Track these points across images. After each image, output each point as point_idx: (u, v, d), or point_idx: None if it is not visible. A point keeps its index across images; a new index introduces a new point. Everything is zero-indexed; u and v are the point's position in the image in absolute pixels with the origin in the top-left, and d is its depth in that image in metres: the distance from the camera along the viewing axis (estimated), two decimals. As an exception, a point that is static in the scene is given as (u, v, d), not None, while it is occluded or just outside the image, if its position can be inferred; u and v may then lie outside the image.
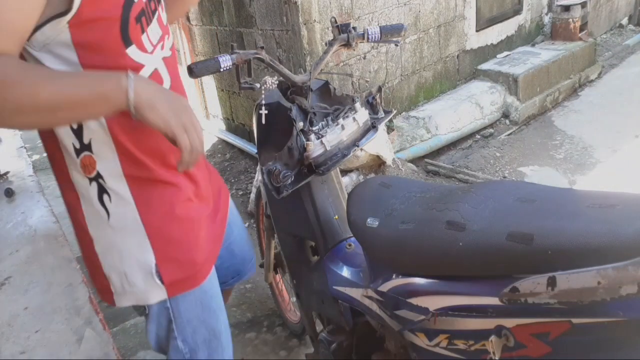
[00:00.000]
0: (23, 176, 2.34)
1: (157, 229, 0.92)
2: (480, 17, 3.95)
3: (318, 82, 1.33)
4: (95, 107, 0.74)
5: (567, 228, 0.71)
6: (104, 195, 0.87)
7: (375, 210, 1.05)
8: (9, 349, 1.30)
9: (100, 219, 0.89)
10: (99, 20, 0.75)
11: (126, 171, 0.87)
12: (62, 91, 0.70)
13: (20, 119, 0.71)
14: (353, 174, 2.85)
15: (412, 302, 0.95)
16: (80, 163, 0.85)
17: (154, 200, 0.91)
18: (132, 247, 0.91)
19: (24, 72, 0.69)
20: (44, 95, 0.68)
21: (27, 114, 0.70)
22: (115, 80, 0.74)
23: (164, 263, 0.93)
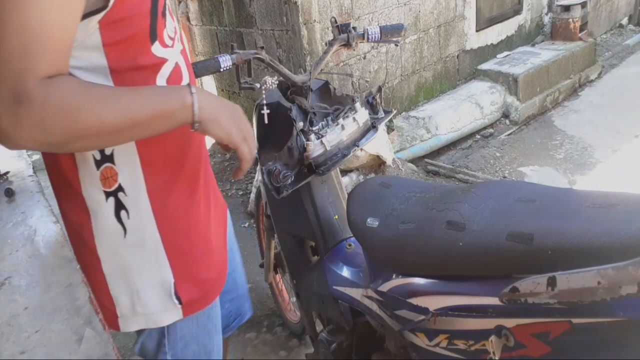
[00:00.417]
0: (23, 176, 2.34)
1: (176, 246, 0.86)
2: (480, 17, 3.95)
3: (318, 82, 1.33)
4: (158, 125, 0.71)
5: (567, 228, 0.71)
6: (121, 211, 0.81)
7: (375, 210, 1.05)
8: (9, 349, 1.30)
9: (115, 236, 0.83)
10: (131, 17, 0.71)
11: (149, 183, 0.82)
12: (126, 113, 0.67)
13: (80, 145, 0.67)
14: (353, 174, 2.85)
15: (412, 302, 0.95)
16: (101, 176, 0.79)
17: (174, 215, 0.86)
18: (149, 266, 0.85)
19: (85, 95, 0.64)
20: (109, 120, 0.65)
21: (89, 139, 0.66)
22: (179, 96, 0.72)
23: (182, 282, 0.88)
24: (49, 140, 0.62)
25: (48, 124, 0.60)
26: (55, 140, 0.62)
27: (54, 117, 0.61)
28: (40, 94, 0.60)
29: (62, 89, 0.62)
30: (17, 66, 0.59)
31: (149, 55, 0.76)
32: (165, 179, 0.84)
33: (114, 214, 0.81)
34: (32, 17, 0.59)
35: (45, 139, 0.62)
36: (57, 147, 0.66)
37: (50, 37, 0.61)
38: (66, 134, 0.63)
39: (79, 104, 0.63)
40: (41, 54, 0.60)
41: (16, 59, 0.59)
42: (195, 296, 0.90)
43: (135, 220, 0.82)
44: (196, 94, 0.72)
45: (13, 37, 0.58)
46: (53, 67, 0.62)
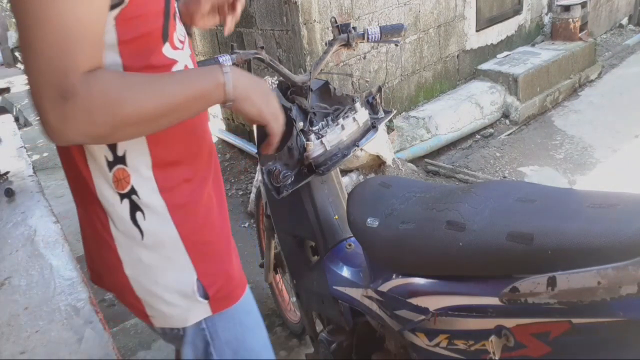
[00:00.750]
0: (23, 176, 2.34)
1: (195, 243, 0.85)
2: (480, 17, 3.95)
3: (318, 82, 1.33)
4: (195, 106, 0.73)
5: (567, 228, 0.71)
6: (136, 213, 0.80)
7: (375, 210, 1.05)
8: (9, 349, 1.30)
9: (132, 239, 0.81)
10: (146, 15, 0.71)
11: (160, 183, 0.81)
12: (165, 98, 0.68)
13: (123, 133, 0.67)
14: (353, 174, 2.85)
15: (412, 302, 0.95)
16: (113, 177, 0.78)
17: (189, 212, 0.84)
18: (170, 266, 0.84)
19: (126, 85, 0.65)
20: (150, 106, 0.66)
21: (132, 127, 0.67)
22: (213, 76, 0.73)
23: (205, 278, 0.86)
24: (95, 132, 0.63)
25: (94, 117, 0.62)
26: (101, 131, 0.64)
27: (99, 109, 0.62)
28: (84, 89, 0.61)
29: (104, 82, 0.63)
30: (59, 63, 0.60)
31: (160, 55, 0.76)
32: (178, 178, 0.83)
33: (129, 217, 0.80)
34: (70, 14, 0.60)
35: (91, 132, 0.63)
36: (103, 139, 0.68)
37: (88, 32, 0.62)
38: (111, 124, 0.64)
39: (121, 95, 0.64)
40: (81, 49, 0.61)
41: (58, 56, 0.59)
42: (221, 291, 0.88)
43: (152, 221, 0.81)
44: (229, 73, 0.73)
45: (53, 34, 0.59)
46: (92, 62, 0.63)
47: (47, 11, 0.58)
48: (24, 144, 2.81)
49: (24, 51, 0.60)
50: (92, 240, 0.86)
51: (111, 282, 0.87)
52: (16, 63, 10.39)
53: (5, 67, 10.49)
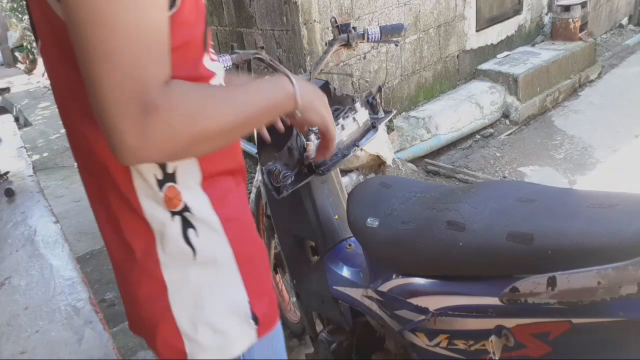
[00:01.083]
0: (23, 176, 2.34)
1: (245, 259, 0.79)
2: (480, 17, 3.95)
3: (318, 82, 1.33)
4: (267, 117, 0.71)
5: (567, 228, 0.71)
6: (188, 230, 0.73)
7: (375, 210, 1.05)
8: (9, 349, 1.30)
9: (182, 259, 0.74)
10: (192, 21, 0.66)
11: (212, 197, 0.75)
12: (242, 110, 0.65)
13: (197, 149, 0.62)
14: (353, 174, 2.85)
15: (412, 302, 0.95)
16: (164, 197, 0.71)
17: (239, 225, 0.79)
18: (223, 286, 0.76)
19: (205, 96, 0.61)
20: (228, 119, 0.62)
21: (208, 142, 0.62)
22: (282, 86, 0.72)
23: (255, 298, 0.79)
24: (174, 148, 0.58)
25: (175, 131, 0.57)
26: (180, 147, 0.58)
27: (180, 123, 0.57)
28: (165, 101, 0.56)
29: (183, 93, 0.58)
30: (140, 75, 0.54)
31: (202, 66, 0.71)
32: (225, 191, 0.77)
33: (181, 234, 0.73)
34: (147, 19, 0.54)
35: (171, 148, 0.58)
36: (177, 156, 0.62)
37: (163, 37, 0.57)
38: (191, 139, 0.59)
39: (200, 107, 0.60)
40: (158, 58, 0.56)
41: (138, 67, 0.54)
42: (267, 312, 0.81)
43: (205, 237, 0.74)
44: (296, 83, 0.73)
45: (132, 45, 0.54)
46: (167, 71, 0.58)
47: (123, 17, 0.53)
48: (24, 144, 2.81)
49: (92, 64, 0.53)
50: (129, 269, 0.76)
51: (148, 316, 0.76)
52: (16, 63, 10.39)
53: (6, 67, 10.50)
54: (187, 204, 0.72)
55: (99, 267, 2.65)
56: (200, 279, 0.75)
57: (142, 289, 0.75)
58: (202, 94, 0.61)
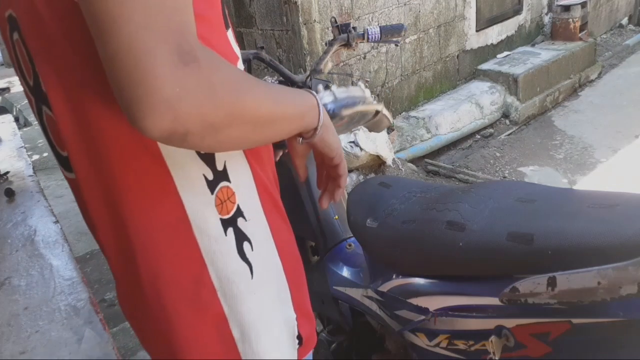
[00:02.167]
0: (23, 176, 2.34)
1: (293, 274, 0.71)
2: (480, 17, 3.95)
3: (319, 82, 1.33)
4: (295, 124, 0.63)
5: (567, 228, 0.71)
6: (243, 243, 0.62)
7: (375, 210, 1.05)
8: (9, 349, 1.30)
9: (241, 281, 0.62)
10: None
11: (263, 200, 0.66)
12: (278, 103, 0.58)
13: (232, 131, 0.52)
14: (353, 174, 2.85)
15: (412, 302, 0.94)
16: (216, 200, 0.60)
17: (285, 239, 0.71)
18: (276, 305, 0.67)
19: (242, 74, 0.53)
20: (265, 106, 0.55)
21: (244, 126, 0.53)
22: (308, 97, 0.64)
23: (301, 317, 0.71)
24: (214, 115, 0.48)
25: (217, 94, 0.48)
26: (219, 117, 0.49)
27: (222, 87, 0.48)
28: (206, 57, 0.47)
29: (222, 61, 0.50)
30: (176, 19, 0.46)
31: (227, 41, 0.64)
32: (271, 194, 0.69)
33: (236, 251, 0.62)
34: None
35: (211, 113, 0.48)
36: (214, 129, 0.49)
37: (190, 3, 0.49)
38: (230, 110, 0.50)
39: (241, 81, 0.52)
40: (190, 10, 0.48)
41: (174, 9, 0.45)
42: (310, 333, 0.74)
43: (260, 250, 0.65)
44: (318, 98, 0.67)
45: None
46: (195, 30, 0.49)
47: None
48: (24, 144, 2.81)
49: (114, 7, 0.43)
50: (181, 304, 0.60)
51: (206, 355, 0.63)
52: (16, 63, 10.38)
53: (6, 67, 10.50)
54: (240, 207, 0.62)
55: (99, 267, 2.65)
56: (258, 302, 0.64)
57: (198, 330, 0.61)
58: (240, 72, 0.54)
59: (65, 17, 0.50)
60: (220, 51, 0.57)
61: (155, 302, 0.60)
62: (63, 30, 0.51)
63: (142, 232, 0.58)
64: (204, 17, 0.55)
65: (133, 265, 0.60)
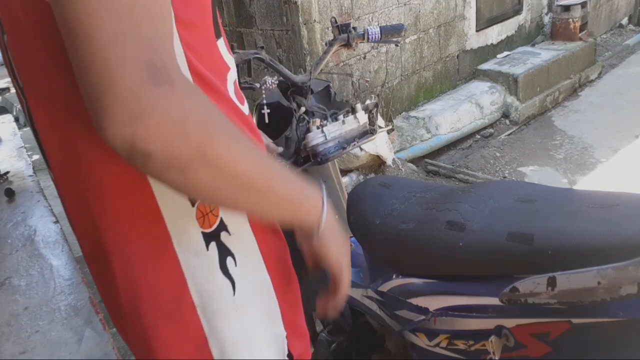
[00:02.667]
0: (23, 176, 2.34)
1: (284, 289, 0.68)
2: (480, 17, 3.95)
3: (319, 84, 1.33)
4: (281, 207, 0.57)
5: (567, 228, 0.71)
6: (227, 259, 0.60)
7: (375, 210, 1.05)
8: (9, 349, 1.30)
9: (223, 297, 0.60)
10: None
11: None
12: (262, 170, 0.52)
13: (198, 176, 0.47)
14: (353, 174, 2.85)
15: (412, 302, 0.94)
16: (197, 213, 0.57)
17: (276, 253, 0.68)
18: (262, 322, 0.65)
19: (223, 122, 0.49)
20: (243, 165, 0.49)
21: (212, 176, 0.47)
22: (313, 190, 0.60)
23: (292, 333, 0.69)
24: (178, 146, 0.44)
25: (187, 123, 0.44)
26: (184, 150, 0.45)
27: (195, 119, 0.45)
28: (183, 84, 0.45)
29: (200, 94, 0.47)
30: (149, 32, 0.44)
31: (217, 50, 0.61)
32: None
33: (219, 266, 0.60)
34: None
35: (176, 141, 0.44)
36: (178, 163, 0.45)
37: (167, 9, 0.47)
38: (198, 149, 0.45)
39: (218, 123, 0.48)
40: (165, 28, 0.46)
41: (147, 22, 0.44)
42: (302, 349, 0.72)
43: (244, 266, 0.62)
44: (327, 201, 0.62)
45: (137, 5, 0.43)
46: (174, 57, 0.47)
47: None
48: (24, 144, 2.81)
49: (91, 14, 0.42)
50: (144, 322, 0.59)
51: None
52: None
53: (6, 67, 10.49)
54: (224, 220, 0.60)
55: (99, 267, 2.64)
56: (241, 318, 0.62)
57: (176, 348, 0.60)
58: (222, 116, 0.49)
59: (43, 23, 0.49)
60: (208, 60, 0.57)
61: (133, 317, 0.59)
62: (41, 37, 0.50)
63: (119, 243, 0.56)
64: (192, 24, 0.54)
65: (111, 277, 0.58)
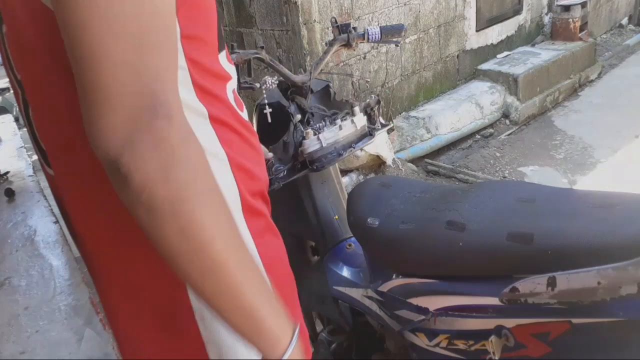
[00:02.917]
0: (23, 176, 2.34)
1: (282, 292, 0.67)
2: (480, 17, 3.95)
3: (319, 83, 1.33)
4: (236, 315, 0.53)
5: (567, 228, 0.71)
6: None
7: (375, 210, 1.05)
8: (9, 349, 1.30)
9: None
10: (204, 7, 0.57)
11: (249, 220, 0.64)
12: (234, 264, 0.50)
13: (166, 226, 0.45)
14: (353, 174, 2.85)
15: (412, 302, 0.94)
16: None
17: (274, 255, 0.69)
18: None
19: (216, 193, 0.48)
20: (216, 245, 0.48)
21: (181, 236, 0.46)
22: (286, 328, 0.57)
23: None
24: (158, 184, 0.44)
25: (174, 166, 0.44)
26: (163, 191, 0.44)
27: (184, 163, 0.44)
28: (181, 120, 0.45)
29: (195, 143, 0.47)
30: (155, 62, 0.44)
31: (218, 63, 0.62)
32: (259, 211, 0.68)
33: None
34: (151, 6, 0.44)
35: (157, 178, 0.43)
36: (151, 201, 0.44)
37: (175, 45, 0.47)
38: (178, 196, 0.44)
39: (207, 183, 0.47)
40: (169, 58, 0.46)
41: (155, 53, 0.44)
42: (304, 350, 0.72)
43: None
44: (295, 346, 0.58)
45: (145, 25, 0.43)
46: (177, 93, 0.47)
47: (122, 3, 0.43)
48: (24, 144, 2.81)
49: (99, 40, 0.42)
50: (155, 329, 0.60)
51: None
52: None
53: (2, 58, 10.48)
54: None
55: (99, 267, 2.64)
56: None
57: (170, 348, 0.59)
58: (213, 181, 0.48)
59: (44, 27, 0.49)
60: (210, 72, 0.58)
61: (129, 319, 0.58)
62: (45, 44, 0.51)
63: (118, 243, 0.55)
64: (198, 38, 0.55)
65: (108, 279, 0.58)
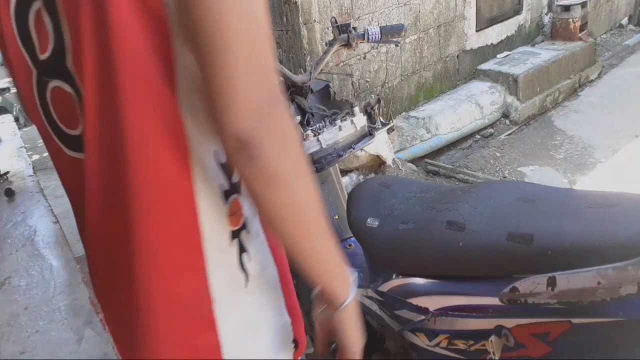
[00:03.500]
0: (23, 176, 2.34)
1: (286, 280, 0.72)
2: (480, 17, 3.95)
3: (319, 83, 1.33)
4: (321, 264, 0.61)
5: (567, 228, 0.71)
6: (243, 254, 0.63)
7: (375, 210, 1.05)
8: (9, 349, 1.30)
9: (235, 290, 0.63)
10: None
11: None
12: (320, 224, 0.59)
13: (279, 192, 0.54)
14: (353, 174, 2.85)
15: (412, 302, 0.94)
16: (229, 210, 0.60)
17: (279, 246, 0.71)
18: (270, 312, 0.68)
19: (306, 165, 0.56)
20: (313, 212, 0.58)
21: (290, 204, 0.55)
22: (349, 272, 0.65)
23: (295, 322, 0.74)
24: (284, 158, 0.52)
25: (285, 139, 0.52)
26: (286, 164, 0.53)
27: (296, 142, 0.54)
28: (287, 106, 0.52)
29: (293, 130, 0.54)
30: (271, 62, 0.51)
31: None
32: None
33: (237, 260, 0.62)
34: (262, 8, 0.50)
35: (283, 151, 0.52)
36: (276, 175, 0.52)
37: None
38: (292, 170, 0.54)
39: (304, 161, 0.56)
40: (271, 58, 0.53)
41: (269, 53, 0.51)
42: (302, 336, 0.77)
43: (256, 260, 0.65)
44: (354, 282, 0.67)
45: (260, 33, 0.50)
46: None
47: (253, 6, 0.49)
48: (24, 144, 2.81)
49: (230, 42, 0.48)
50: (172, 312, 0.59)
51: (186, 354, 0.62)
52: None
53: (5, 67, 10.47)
54: (246, 220, 0.63)
55: (99, 267, 2.64)
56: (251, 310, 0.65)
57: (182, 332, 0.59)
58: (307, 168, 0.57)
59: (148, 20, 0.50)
60: None
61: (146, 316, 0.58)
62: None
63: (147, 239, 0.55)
64: None
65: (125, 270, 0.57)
